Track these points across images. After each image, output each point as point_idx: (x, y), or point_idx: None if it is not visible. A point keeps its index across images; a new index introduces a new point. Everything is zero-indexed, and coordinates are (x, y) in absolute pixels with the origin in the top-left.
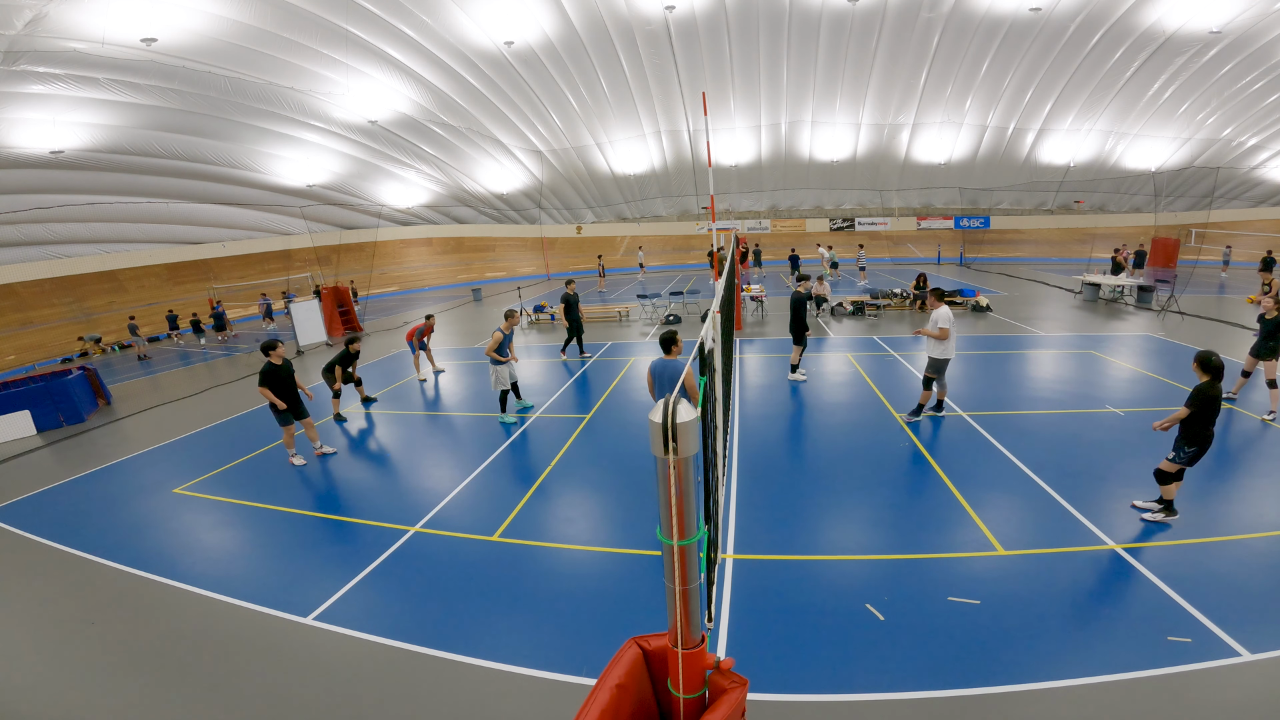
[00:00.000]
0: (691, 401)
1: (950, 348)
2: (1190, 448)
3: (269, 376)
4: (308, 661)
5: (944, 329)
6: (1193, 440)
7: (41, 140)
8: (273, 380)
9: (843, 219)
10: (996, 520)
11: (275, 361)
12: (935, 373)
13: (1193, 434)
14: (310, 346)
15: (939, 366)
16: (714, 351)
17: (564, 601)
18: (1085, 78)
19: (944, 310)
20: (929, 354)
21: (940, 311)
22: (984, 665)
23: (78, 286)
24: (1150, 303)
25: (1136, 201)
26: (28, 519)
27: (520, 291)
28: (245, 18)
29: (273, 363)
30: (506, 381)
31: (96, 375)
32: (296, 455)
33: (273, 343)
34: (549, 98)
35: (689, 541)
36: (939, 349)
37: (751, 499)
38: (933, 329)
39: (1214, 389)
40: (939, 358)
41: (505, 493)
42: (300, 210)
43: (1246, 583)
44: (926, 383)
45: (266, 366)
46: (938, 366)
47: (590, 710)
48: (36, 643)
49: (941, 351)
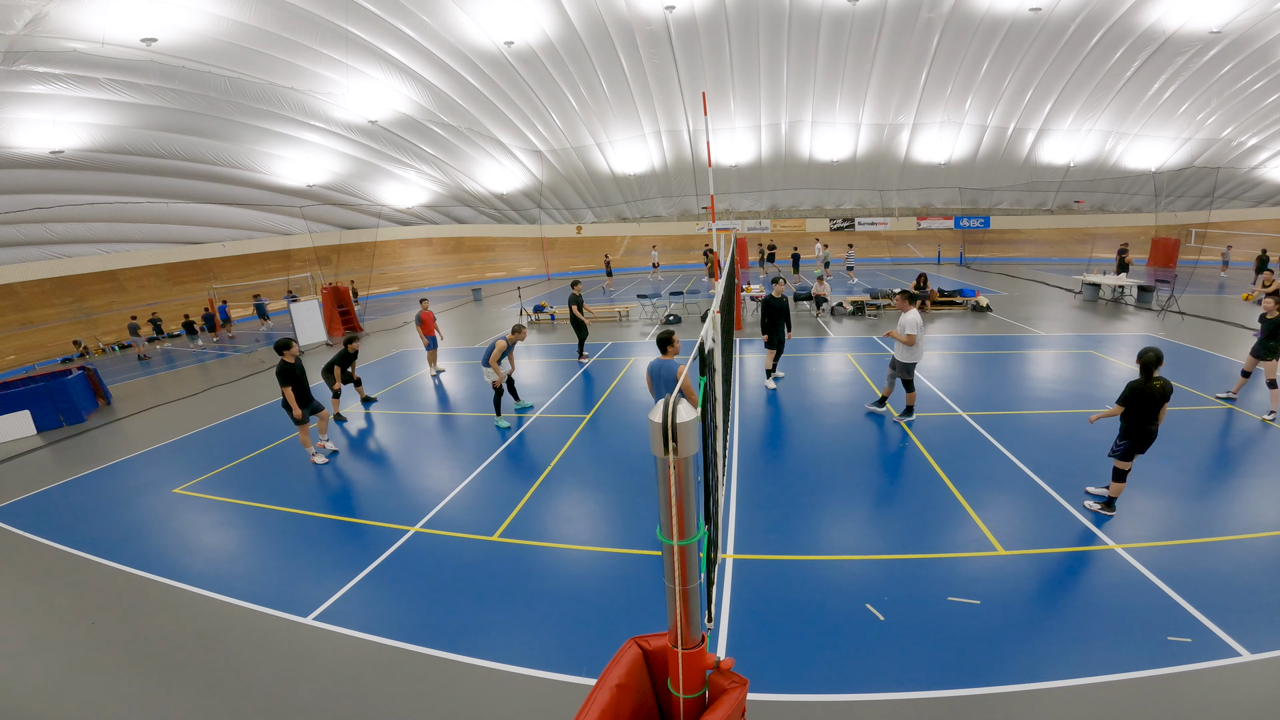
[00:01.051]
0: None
1: (919, 351)
2: (1122, 441)
3: (287, 375)
4: (308, 661)
5: (911, 335)
6: (1126, 434)
7: (41, 140)
8: (291, 378)
9: (843, 219)
10: (996, 520)
11: (289, 360)
12: (904, 374)
13: (1127, 428)
14: (310, 346)
15: (908, 369)
16: (714, 352)
17: (564, 601)
18: (1085, 78)
19: (913, 315)
20: (897, 356)
21: (909, 316)
22: (984, 665)
23: (78, 286)
24: (1150, 303)
25: (1136, 201)
26: (28, 519)
27: (520, 291)
28: (245, 18)
29: (286, 361)
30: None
31: (96, 375)
32: (316, 454)
33: (286, 342)
34: (549, 98)
35: (689, 541)
36: (907, 353)
37: (751, 499)
38: (901, 334)
39: (1147, 384)
40: (906, 361)
41: (505, 493)
42: (300, 210)
43: (1246, 583)
44: (907, 384)
45: (282, 365)
46: (906, 369)
47: (590, 710)
48: (37, 643)
49: (909, 355)
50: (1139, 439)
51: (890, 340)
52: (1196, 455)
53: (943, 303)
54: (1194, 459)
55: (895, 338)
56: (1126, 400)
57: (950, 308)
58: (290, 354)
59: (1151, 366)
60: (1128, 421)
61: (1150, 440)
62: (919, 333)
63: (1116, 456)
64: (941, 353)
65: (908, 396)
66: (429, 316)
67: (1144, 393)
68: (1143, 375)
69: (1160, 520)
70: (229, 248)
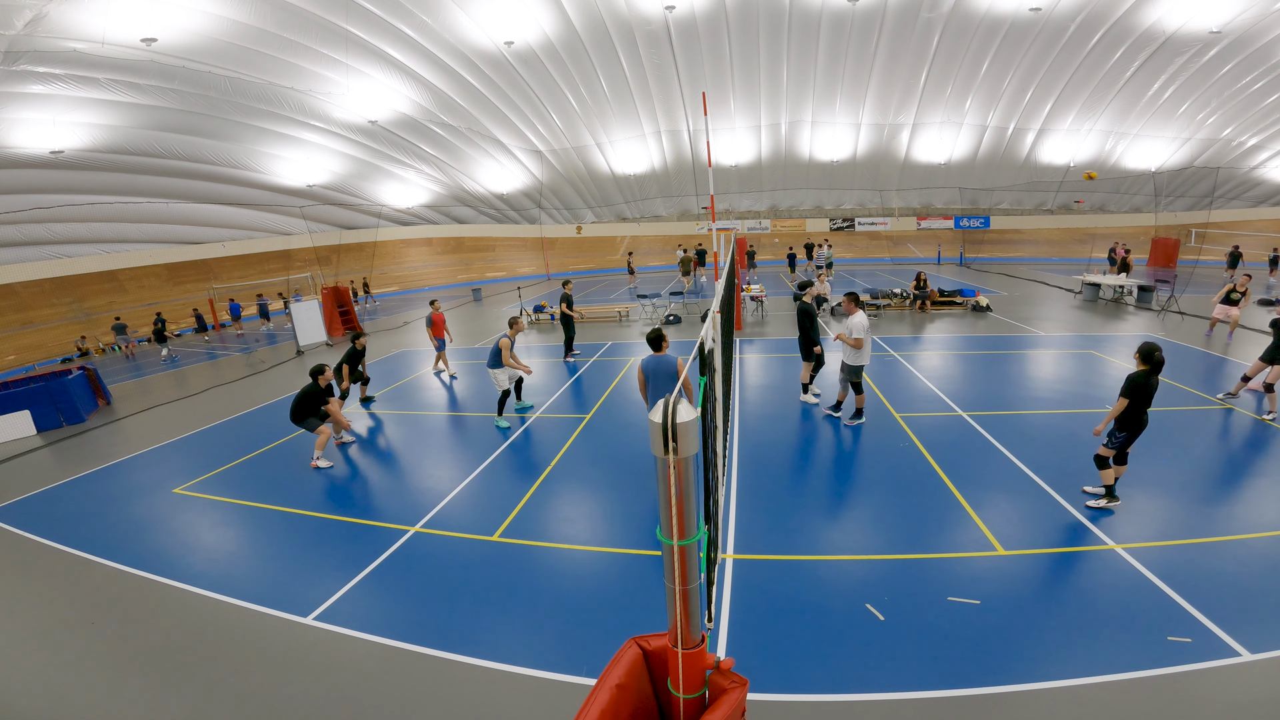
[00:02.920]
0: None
1: (865, 355)
2: (1121, 433)
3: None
4: (308, 661)
5: (858, 339)
6: (1124, 425)
7: (41, 140)
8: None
9: (843, 219)
10: (996, 520)
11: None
12: (853, 377)
13: (1125, 419)
14: (310, 347)
15: (855, 372)
16: (714, 351)
17: (564, 601)
18: (1085, 78)
19: (859, 318)
20: (844, 359)
21: (855, 319)
22: (984, 665)
23: (78, 286)
24: (1150, 302)
25: (1136, 201)
26: (28, 519)
27: (520, 291)
28: (245, 18)
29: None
30: (508, 382)
31: (96, 375)
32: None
33: (321, 367)
34: (549, 98)
35: (689, 541)
36: (854, 355)
37: (751, 499)
38: (849, 336)
39: (1148, 378)
40: (853, 364)
41: (505, 493)
42: (300, 210)
43: (1247, 583)
44: (855, 387)
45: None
46: (853, 372)
47: (590, 710)
48: (37, 643)
49: (856, 358)
50: (1136, 429)
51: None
52: (1196, 455)
53: (943, 303)
54: (1194, 459)
55: (844, 340)
56: (1128, 392)
57: (950, 308)
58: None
59: (1159, 365)
60: (1127, 413)
61: (1143, 428)
62: (866, 335)
63: (1114, 447)
64: (941, 353)
65: (856, 399)
66: (440, 318)
67: (1144, 385)
68: (1148, 369)
69: (1160, 520)
70: (229, 248)
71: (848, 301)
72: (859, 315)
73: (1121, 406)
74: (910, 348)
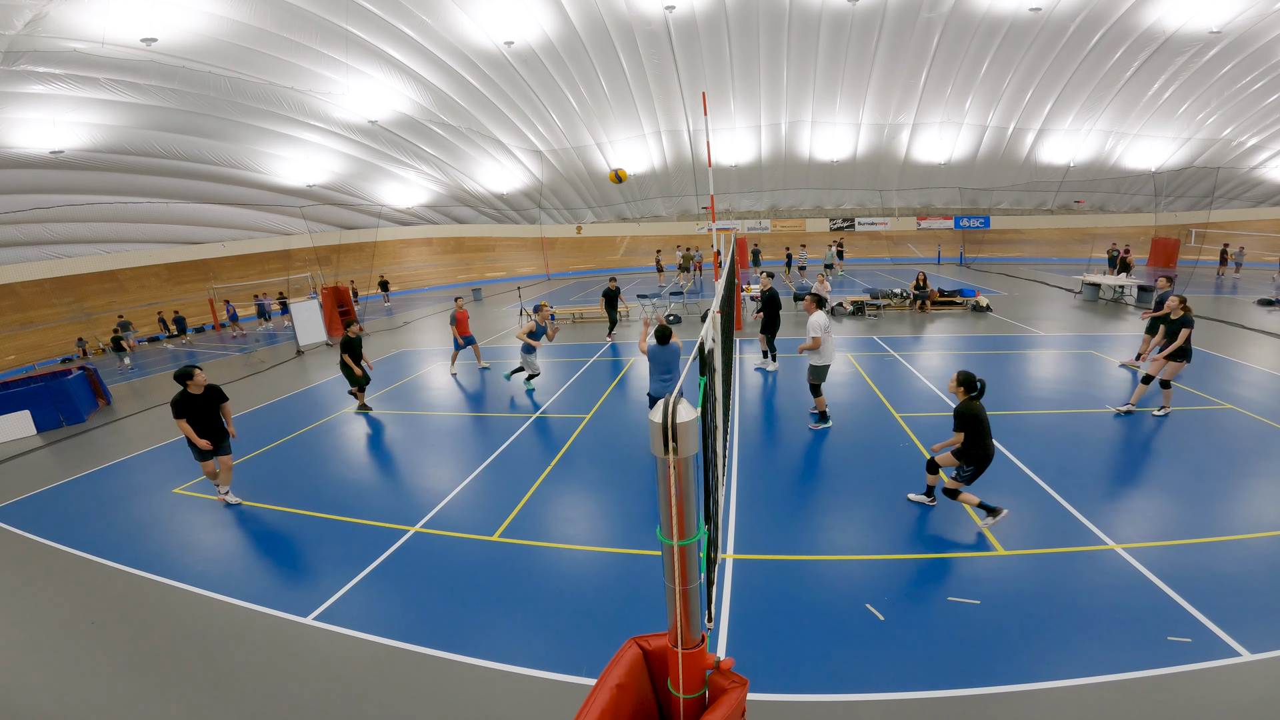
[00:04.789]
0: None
1: (827, 354)
2: (968, 467)
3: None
4: (308, 661)
5: (816, 338)
6: (969, 460)
7: (41, 140)
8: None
9: (843, 219)
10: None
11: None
12: (811, 378)
13: (967, 454)
14: (310, 347)
15: (816, 373)
16: (714, 351)
17: (564, 601)
18: (1085, 78)
19: (816, 317)
20: (808, 361)
21: (813, 319)
22: (984, 665)
23: (78, 286)
24: (1150, 302)
25: (1136, 201)
26: (28, 519)
27: (520, 291)
28: (245, 18)
29: (190, 392)
30: (537, 369)
31: (96, 375)
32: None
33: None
34: (549, 98)
35: (689, 541)
36: (815, 356)
37: (751, 499)
38: (807, 337)
39: (971, 407)
40: (817, 364)
41: (505, 492)
42: (300, 210)
43: (1246, 583)
44: (813, 389)
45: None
46: (814, 373)
47: (590, 710)
48: (37, 643)
49: (818, 359)
50: (981, 462)
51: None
52: (1196, 455)
53: (943, 303)
54: (1193, 459)
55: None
56: (960, 425)
57: (950, 308)
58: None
59: (972, 384)
60: (967, 447)
61: (989, 460)
62: (824, 335)
63: (963, 481)
64: (942, 353)
65: (816, 401)
66: (464, 315)
67: (971, 415)
68: (968, 398)
69: (1160, 520)
70: (229, 248)
71: (808, 302)
72: (818, 315)
73: (958, 440)
74: (910, 348)
